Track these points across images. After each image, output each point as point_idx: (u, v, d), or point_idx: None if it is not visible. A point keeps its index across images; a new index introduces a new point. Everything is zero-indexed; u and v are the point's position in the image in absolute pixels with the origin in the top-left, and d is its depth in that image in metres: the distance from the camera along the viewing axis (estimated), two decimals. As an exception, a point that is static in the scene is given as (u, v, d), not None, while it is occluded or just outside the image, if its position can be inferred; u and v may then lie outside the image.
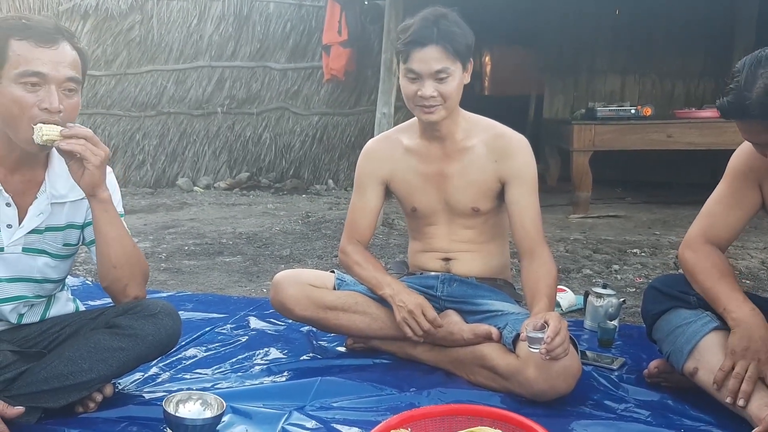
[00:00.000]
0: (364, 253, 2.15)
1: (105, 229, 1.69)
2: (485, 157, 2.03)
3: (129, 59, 7.36)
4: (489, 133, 2.05)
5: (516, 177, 2.01)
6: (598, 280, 3.21)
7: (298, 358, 2.17)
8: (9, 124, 1.57)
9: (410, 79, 1.93)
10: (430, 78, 1.90)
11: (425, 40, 1.88)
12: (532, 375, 1.77)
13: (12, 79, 1.52)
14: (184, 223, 4.99)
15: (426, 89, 1.90)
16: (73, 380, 1.66)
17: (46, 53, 1.53)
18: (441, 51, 1.88)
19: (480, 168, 2.03)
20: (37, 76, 1.52)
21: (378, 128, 4.89)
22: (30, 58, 1.52)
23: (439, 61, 1.89)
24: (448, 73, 1.90)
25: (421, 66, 1.89)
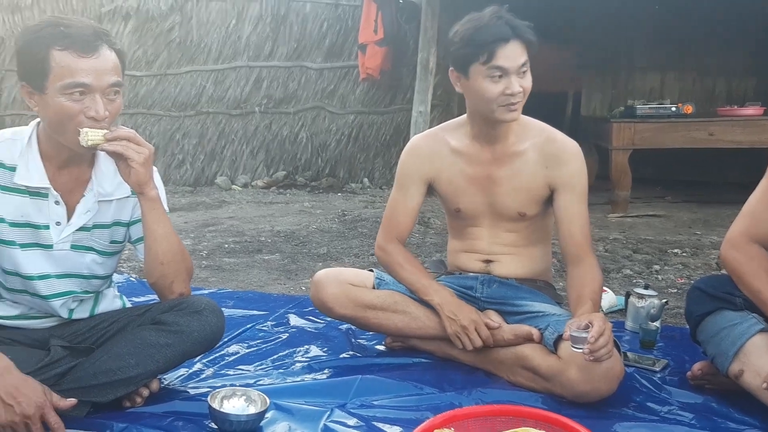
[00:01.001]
0: (406, 254, 2.14)
1: (153, 226, 1.73)
2: (536, 163, 2.00)
3: (169, 60, 7.48)
4: (541, 138, 2.02)
5: (566, 185, 1.98)
6: (638, 281, 3.18)
7: (338, 355, 2.19)
8: (56, 130, 1.61)
9: (494, 78, 1.87)
10: (515, 73, 1.87)
11: (507, 35, 1.84)
12: (574, 376, 1.76)
13: (57, 90, 1.55)
14: (223, 221, 5.06)
15: (515, 85, 1.86)
16: (120, 375, 1.70)
17: (88, 63, 1.55)
18: (521, 45, 1.86)
19: (530, 174, 2.00)
20: (81, 86, 1.55)
21: (414, 127, 4.90)
22: (73, 69, 1.54)
23: (521, 54, 1.87)
24: (527, 67, 1.89)
25: (508, 62, 1.85)
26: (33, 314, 1.81)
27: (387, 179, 7.09)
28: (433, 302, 2.02)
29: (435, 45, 4.93)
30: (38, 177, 1.67)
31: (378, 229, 2.25)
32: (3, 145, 1.68)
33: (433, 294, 2.02)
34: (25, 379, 1.54)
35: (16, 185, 1.66)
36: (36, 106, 1.62)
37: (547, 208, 2.06)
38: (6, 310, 1.79)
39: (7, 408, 1.50)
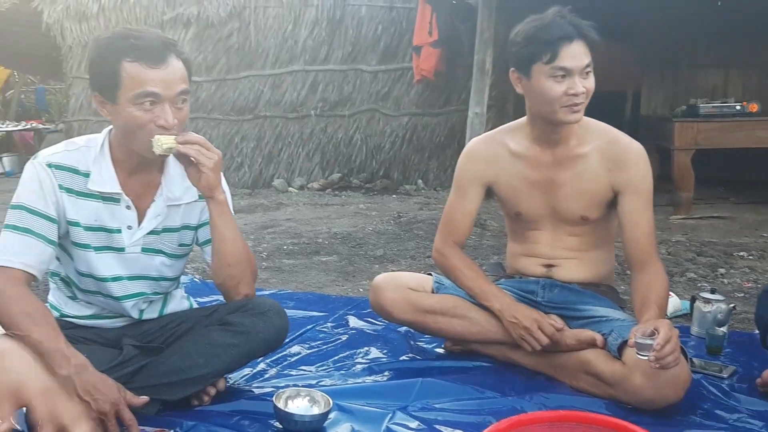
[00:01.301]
0: (464, 258, 2.13)
1: (221, 229, 1.77)
2: (599, 166, 1.96)
3: (228, 65, 7.63)
4: (603, 140, 1.98)
5: (631, 188, 1.95)
6: (703, 285, 3.11)
7: (398, 358, 2.20)
8: (128, 138, 1.67)
9: (557, 78, 1.85)
10: (578, 74, 1.84)
11: (571, 35, 1.82)
12: (640, 383, 1.73)
13: (128, 100, 1.60)
14: (281, 222, 5.14)
15: (578, 86, 1.84)
16: (189, 374, 1.76)
17: (157, 73, 1.59)
18: (584, 45, 1.84)
19: (593, 177, 1.97)
20: (151, 96, 1.60)
21: (470, 128, 4.89)
22: (143, 80, 1.58)
23: (585, 55, 1.84)
24: (591, 68, 1.86)
25: (572, 62, 1.83)
26: (105, 314, 1.87)
27: (441, 181, 7.08)
28: (494, 307, 2.01)
29: (491, 46, 4.90)
30: (111, 183, 1.73)
31: (434, 231, 2.24)
32: (78, 153, 1.74)
33: (493, 299, 2.02)
34: (102, 376, 1.60)
35: (90, 191, 1.72)
36: (109, 116, 1.67)
37: (610, 211, 2.03)
38: (81, 310, 1.86)
39: (85, 404, 1.56)
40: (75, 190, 1.72)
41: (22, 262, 1.64)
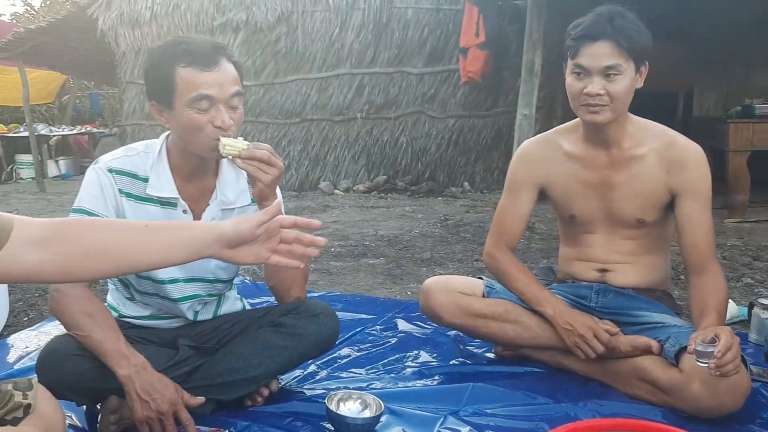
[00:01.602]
0: (516, 262, 2.11)
1: None
2: (656, 167, 1.92)
3: (276, 69, 7.73)
4: (661, 141, 1.94)
5: (690, 190, 1.90)
6: (761, 290, 3.02)
7: (448, 362, 2.20)
8: (188, 141, 1.70)
9: (576, 76, 1.85)
10: (599, 75, 1.82)
11: (597, 34, 1.80)
12: (698, 391, 1.69)
13: (184, 104, 1.63)
14: (328, 225, 5.18)
15: (593, 86, 1.82)
16: (243, 375, 1.78)
17: (210, 76, 1.62)
18: (613, 47, 1.79)
19: (649, 179, 1.93)
20: (206, 98, 1.62)
21: (518, 130, 4.84)
22: (198, 84, 1.61)
23: (610, 57, 1.80)
24: (619, 71, 1.81)
25: (589, 61, 1.81)
26: (162, 315, 1.91)
27: (488, 183, 7.04)
28: (547, 313, 1.98)
29: (540, 46, 4.85)
30: (168, 188, 1.77)
31: (481, 234, 2.23)
32: (137, 158, 1.78)
33: (546, 304, 1.99)
34: (160, 376, 1.64)
35: (148, 195, 1.76)
36: (167, 123, 1.71)
37: (667, 214, 1.99)
38: (138, 310, 1.91)
39: (144, 404, 1.60)
40: (134, 194, 1.76)
41: None
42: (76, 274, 1.17)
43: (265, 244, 1.27)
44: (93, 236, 1.17)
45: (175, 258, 1.22)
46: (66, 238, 1.14)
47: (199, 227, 1.28)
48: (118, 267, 1.20)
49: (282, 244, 1.29)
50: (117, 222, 1.37)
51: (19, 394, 1.30)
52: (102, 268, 1.18)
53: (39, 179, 8.71)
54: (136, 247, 1.18)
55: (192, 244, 1.21)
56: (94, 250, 1.15)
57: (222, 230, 1.23)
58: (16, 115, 12.34)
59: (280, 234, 1.28)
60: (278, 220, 1.28)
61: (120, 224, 1.28)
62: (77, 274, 1.17)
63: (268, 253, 1.27)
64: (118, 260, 1.18)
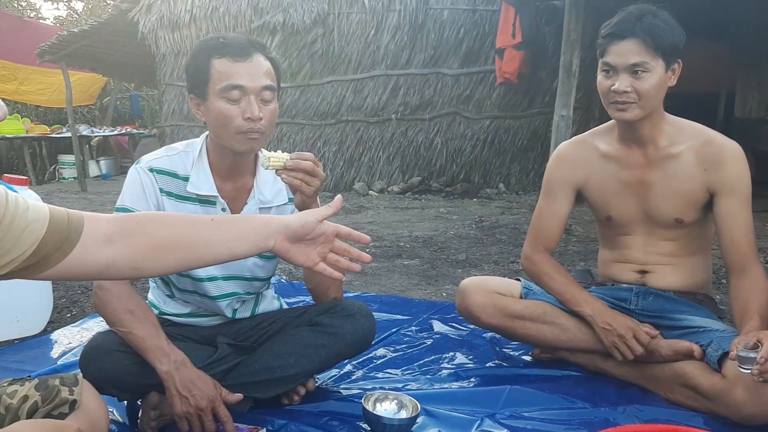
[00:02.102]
0: (554, 263, 2.09)
1: None
2: (693, 166, 1.90)
3: (312, 71, 7.79)
4: (698, 140, 1.92)
5: (728, 188, 1.87)
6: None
7: (484, 364, 2.18)
8: (219, 134, 1.72)
9: (605, 74, 1.87)
10: (626, 72, 1.82)
11: (625, 32, 1.81)
12: (741, 397, 1.65)
13: (217, 94, 1.66)
14: (363, 225, 5.19)
15: (620, 84, 1.82)
16: (280, 373, 1.80)
17: (242, 66, 1.66)
18: (640, 44, 1.80)
19: (686, 177, 1.91)
20: (237, 89, 1.65)
21: (555, 131, 4.79)
22: (230, 73, 1.65)
23: (637, 54, 1.80)
24: (646, 69, 1.81)
25: (616, 59, 1.83)
26: (201, 313, 1.94)
27: (524, 184, 6.99)
28: (585, 313, 1.96)
29: (578, 47, 4.80)
30: (208, 186, 1.79)
31: (517, 236, 2.22)
32: (177, 158, 1.81)
33: (584, 305, 1.97)
34: (199, 373, 1.66)
35: (189, 193, 1.79)
36: (203, 117, 1.74)
37: (706, 214, 1.95)
38: (178, 308, 1.94)
39: (183, 400, 1.62)
40: (174, 193, 1.79)
41: None
42: (145, 269, 1.17)
43: (318, 249, 1.28)
44: (161, 231, 1.18)
45: (240, 250, 1.22)
46: (135, 233, 1.15)
47: (262, 219, 1.29)
48: (185, 261, 1.20)
49: (331, 253, 1.30)
50: (183, 216, 1.38)
51: (65, 389, 1.33)
52: (169, 263, 1.19)
53: (81, 179, 8.91)
54: (202, 240, 1.19)
55: (257, 235, 1.22)
56: (162, 245, 1.16)
57: (288, 222, 1.24)
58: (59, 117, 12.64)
59: (333, 243, 1.30)
60: (336, 228, 1.29)
61: (186, 218, 1.29)
62: (146, 269, 1.18)
63: (318, 258, 1.28)
64: (186, 254, 1.19)
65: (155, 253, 1.15)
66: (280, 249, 1.24)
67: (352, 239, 1.31)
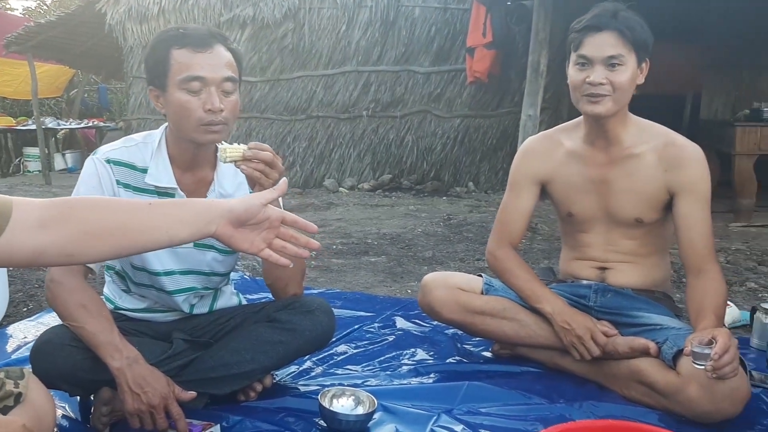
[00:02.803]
0: (517, 259, 2.09)
1: None
2: (655, 166, 1.92)
3: (282, 66, 7.73)
4: (660, 141, 1.93)
5: (687, 189, 1.89)
6: (765, 295, 2.99)
7: (444, 360, 2.18)
8: (178, 125, 1.69)
9: (579, 67, 1.86)
10: (602, 64, 1.82)
11: (602, 25, 1.82)
12: (695, 394, 1.66)
13: (177, 85, 1.63)
14: (331, 222, 5.17)
15: (595, 75, 1.82)
16: (236, 369, 1.78)
17: (203, 57, 1.63)
18: (617, 37, 1.81)
19: (647, 177, 1.92)
20: (197, 80, 1.62)
21: (523, 130, 4.82)
22: (190, 64, 1.62)
23: (614, 47, 1.81)
24: (622, 62, 1.82)
25: (593, 51, 1.82)
26: (158, 308, 1.91)
27: (492, 183, 7.02)
28: (545, 311, 1.97)
29: (546, 47, 4.83)
30: (167, 178, 1.76)
31: (484, 234, 2.22)
32: (135, 149, 1.78)
33: (545, 302, 1.98)
34: (152, 370, 1.63)
35: (147, 185, 1.76)
36: (163, 108, 1.71)
37: (666, 214, 1.97)
38: (134, 303, 1.90)
39: (135, 396, 1.60)
40: (132, 185, 1.76)
41: None
42: (79, 255, 1.13)
43: (262, 234, 1.25)
44: (96, 216, 1.13)
45: (181, 235, 1.17)
46: (68, 218, 1.10)
47: (204, 203, 1.25)
48: (121, 247, 1.16)
49: (277, 239, 1.26)
50: (120, 201, 1.33)
51: (10, 382, 1.29)
52: (105, 249, 1.14)
53: (45, 172, 8.75)
54: (140, 225, 1.15)
55: (198, 220, 1.18)
56: (97, 231, 1.12)
57: (231, 205, 1.21)
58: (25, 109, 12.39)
59: (278, 229, 1.26)
60: (281, 213, 1.26)
61: (124, 203, 1.25)
62: (80, 256, 1.14)
63: (263, 244, 1.25)
64: (122, 240, 1.14)
65: (90, 240, 1.11)
66: (223, 234, 1.20)
67: (298, 227, 1.28)
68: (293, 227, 1.28)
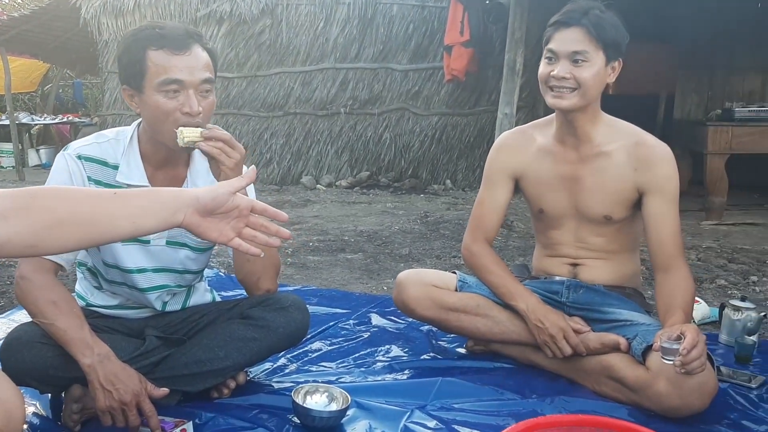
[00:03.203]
0: (493, 255, 2.11)
1: None
2: (624, 165, 1.94)
3: (259, 62, 7.69)
4: (630, 140, 1.96)
5: (656, 188, 1.92)
6: (734, 292, 3.05)
7: (419, 357, 2.19)
8: (155, 128, 1.68)
9: (548, 61, 1.90)
10: (567, 59, 1.85)
11: (571, 21, 1.85)
12: (664, 389, 1.69)
13: (154, 88, 1.61)
14: (308, 219, 5.16)
15: (559, 70, 1.86)
16: (210, 366, 1.77)
17: (181, 60, 1.61)
18: (583, 33, 1.84)
19: (617, 175, 1.95)
20: (175, 83, 1.61)
21: (499, 129, 4.84)
22: (168, 67, 1.60)
23: (579, 43, 1.84)
24: (586, 58, 1.84)
25: (559, 45, 1.86)
26: (130, 305, 1.89)
27: (470, 181, 7.05)
28: (519, 308, 1.99)
29: (522, 46, 4.86)
30: (138, 175, 1.74)
31: (460, 232, 2.24)
32: (107, 145, 1.76)
33: (519, 299, 2.00)
34: (124, 367, 1.62)
35: (118, 183, 1.73)
36: (137, 108, 1.69)
37: (635, 212, 2.00)
38: (106, 300, 1.89)
39: (107, 393, 1.58)
40: (103, 182, 1.74)
41: None
42: (42, 246, 1.10)
43: (232, 224, 1.23)
44: (59, 206, 1.11)
45: (147, 225, 1.15)
46: (31, 208, 1.08)
47: (171, 192, 1.23)
48: (86, 238, 1.14)
49: (247, 228, 1.25)
50: (84, 190, 1.31)
51: None
52: (70, 240, 1.12)
53: (18, 168, 8.63)
54: (105, 215, 1.13)
55: (165, 209, 1.16)
56: (60, 221, 1.09)
57: (198, 193, 1.19)
58: (-2, 103, 12.18)
59: (248, 218, 1.25)
60: (250, 202, 1.24)
61: (87, 192, 1.22)
62: (44, 247, 1.11)
63: (232, 233, 1.23)
64: (87, 231, 1.12)
65: (53, 230, 1.09)
66: (191, 223, 1.18)
67: (267, 215, 1.27)
68: (263, 216, 1.27)
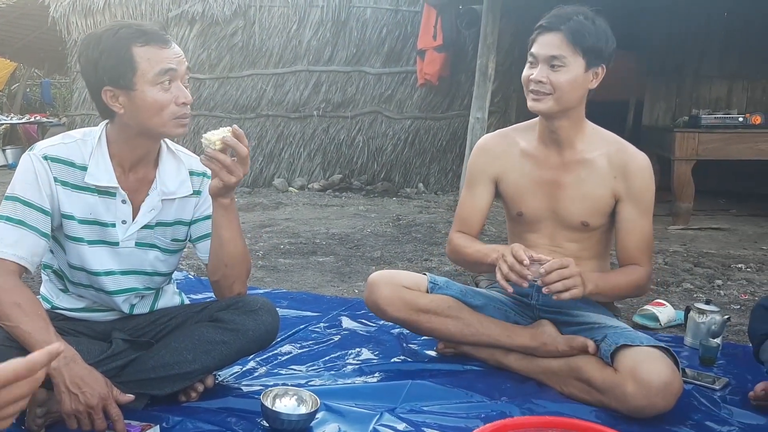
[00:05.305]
0: (467, 237, 2.13)
1: (221, 230, 1.77)
2: (605, 172, 1.98)
3: (231, 63, 7.64)
4: (612, 148, 1.99)
5: (631, 197, 1.96)
6: (699, 296, 3.10)
7: (389, 359, 2.20)
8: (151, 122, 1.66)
9: (529, 64, 1.93)
10: (545, 63, 1.88)
11: (552, 26, 1.88)
12: (631, 390, 1.72)
13: (149, 82, 1.62)
14: (279, 222, 5.14)
15: (537, 73, 1.88)
16: (177, 370, 1.75)
17: (170, 52, 1.65)
18: (562, 39, 1.86)
19: (597, 182, 1.98)
20: (170, 72, 1.64)
21: (471, 133, 4.88)
22: (160, 59, 1.63)
23: (557, 48, 1.86)
24: (564, 63, 1.87)
25: (539, 49, 1.89)
26: (96, 307, 1.87)
27: (442, 185, 7.08)
28: (491, 258, 1.92)
29: (494, 51, 4.91)
30: (107, 177, 1.72)
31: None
32: (75, 146, 1.74)
33: (491, 253, 1.95)
34: (90, 370, 1.60)
35: (86, 184, 1.72)
36: (122, 108, 1.65)
37: (611, 220, 2.03)
38: (72, 302, 1.86)
39: (72, 397, 1.56)
40: (70, 183, 1.71)
41: (14, 253, 1.63)
42: None
43: None
44: None
45: None
46: None
47: None
48: None
49: None
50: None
51: None
52: None
53: (-16, 168, 8.48)
54: None
55: None
56: None
57: None
58: (-38, 102, 11.95)
59: None
60: None
61: None
62: None
63: None
64: None
65: None
66: None
67: None
68: None
